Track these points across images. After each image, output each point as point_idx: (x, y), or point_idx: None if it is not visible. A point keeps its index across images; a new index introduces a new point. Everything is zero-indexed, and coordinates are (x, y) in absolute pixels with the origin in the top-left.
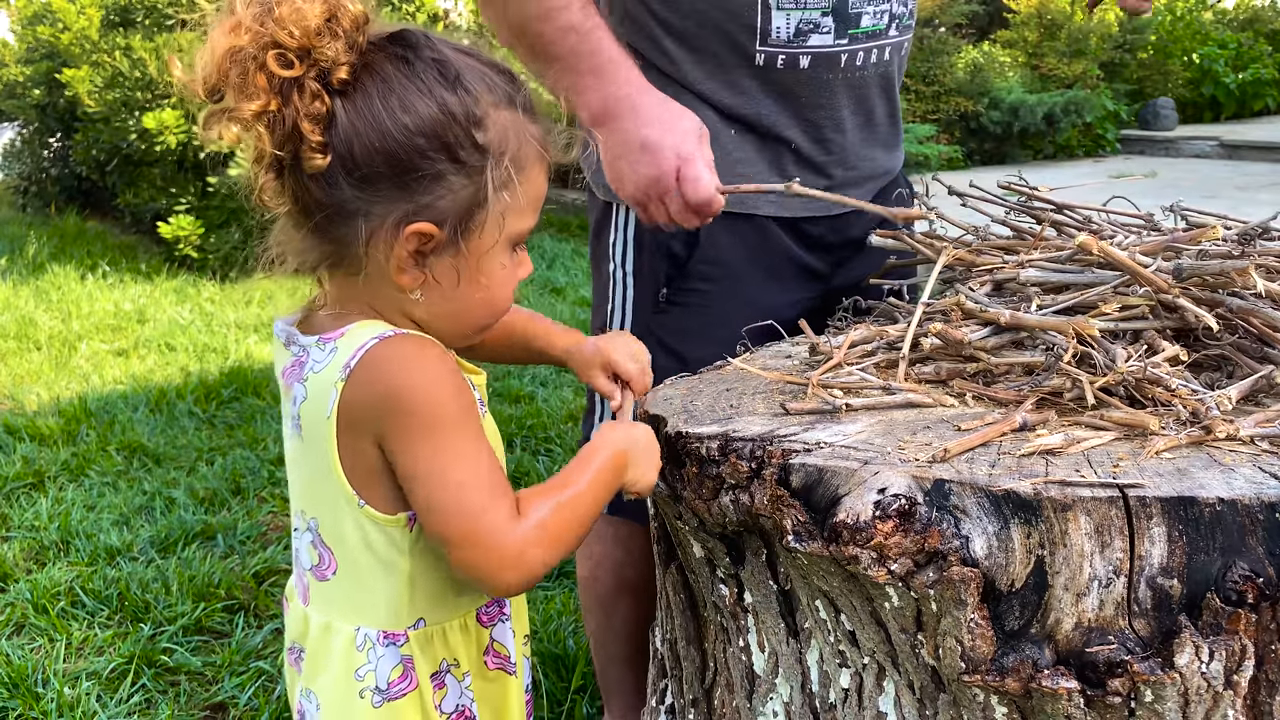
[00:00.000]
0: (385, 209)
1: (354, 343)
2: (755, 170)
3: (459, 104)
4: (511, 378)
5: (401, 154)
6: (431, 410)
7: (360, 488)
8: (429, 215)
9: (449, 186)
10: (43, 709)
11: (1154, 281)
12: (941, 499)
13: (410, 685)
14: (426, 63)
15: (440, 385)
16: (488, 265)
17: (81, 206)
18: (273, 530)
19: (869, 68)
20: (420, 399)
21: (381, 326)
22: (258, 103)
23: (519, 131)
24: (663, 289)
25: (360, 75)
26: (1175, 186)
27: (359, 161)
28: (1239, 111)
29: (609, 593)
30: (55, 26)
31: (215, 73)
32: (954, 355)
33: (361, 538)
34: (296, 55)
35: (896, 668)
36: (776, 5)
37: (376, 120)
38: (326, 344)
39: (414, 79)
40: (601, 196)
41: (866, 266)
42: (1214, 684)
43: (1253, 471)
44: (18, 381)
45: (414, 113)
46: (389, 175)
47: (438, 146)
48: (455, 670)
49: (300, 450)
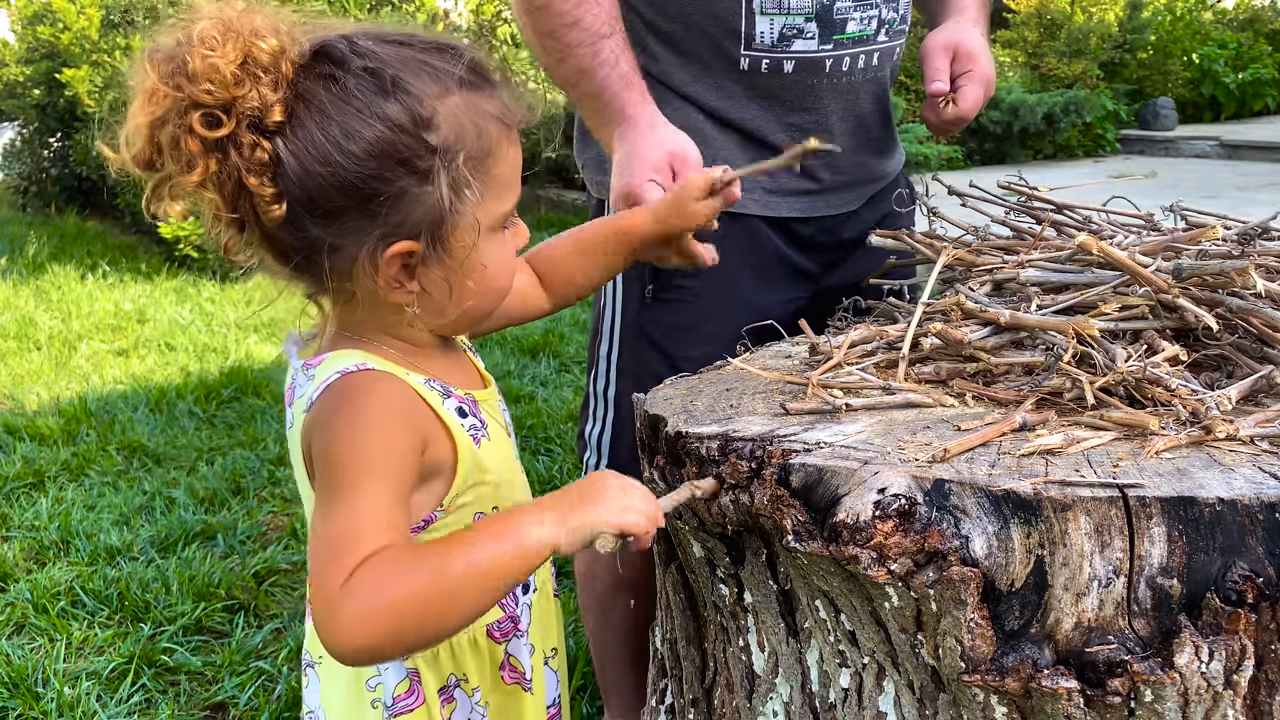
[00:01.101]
0: (357, 239)
1: (322, 375)
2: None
3: (402, 112)
4: (512, 378)
5: (357, 183)
6: (338, 454)
7: None
8: (403, 233)
9: (415, 200)
10: (43, 709)
11: (1154, 281)
12: (941, 499)
13: (417, 701)
14: (358, 76)
15: (365, 431)
16: (476, 258)
17: (81, 206)
18: (273, 530)
19: (857, 73)
20: (333, 440)
21: (353, 358)
22: (196, 171)
23: (474, 114)
24: (648, 285)
25: (294, 109)
26: (1175, 186)
27: (316, 200)
28: (1239, 111)
29: (607, 591)
30: (55, 26)
31: (145, 146)
32: (954, 355)
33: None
34: (221, 110)
35: (896, 668)
36: (760, 10)
37: (322, 154)
38: (309, 370)
39: (349, 100)
40: (595, 194)
41: (858, 267)
42: (1214, 684)
43: (1253, 471)
44: (18, 381)
45: (358, 138)
46: (351, 206)
47: (391, 165)
48: (465, 685)
49: (296, 464)
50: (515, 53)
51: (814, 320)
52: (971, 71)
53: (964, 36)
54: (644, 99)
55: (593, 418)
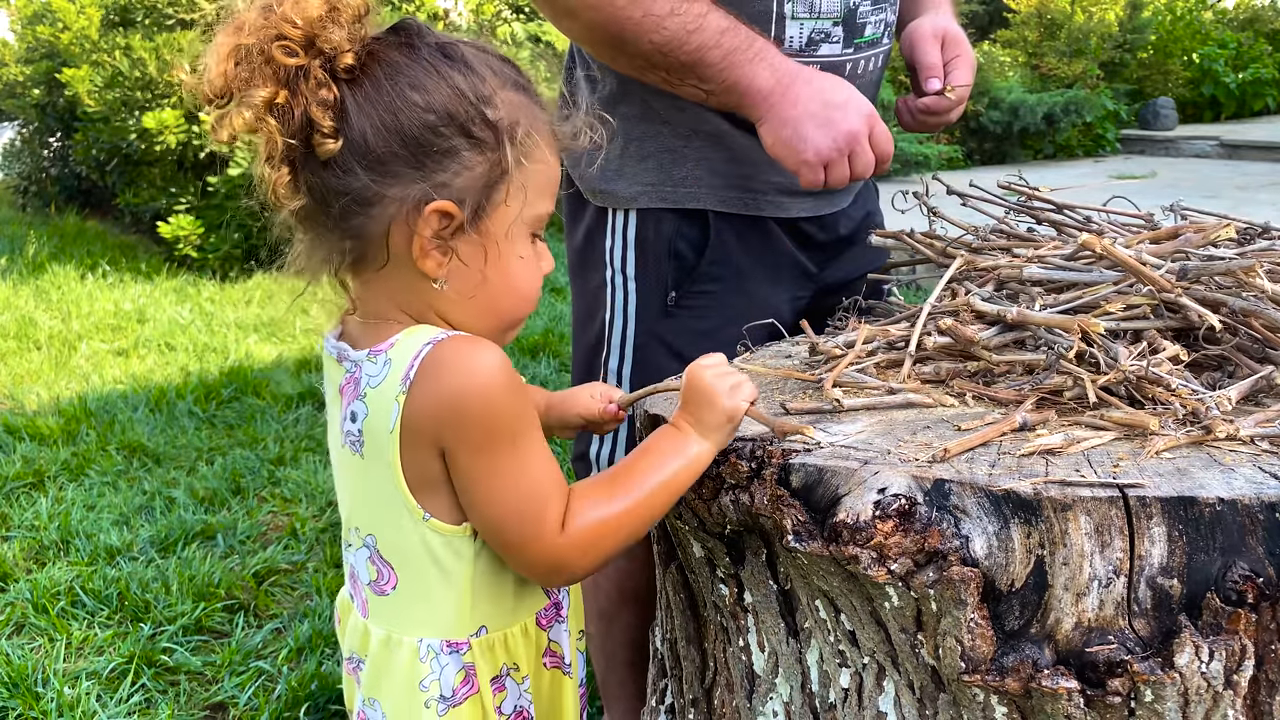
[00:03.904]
0: (402, 190)
1: (407, 352)
2: (767, 171)
3: (467, 83)
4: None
5: (414, 131)
6: (491, 419)
7: (424, 501)
8: (447, 194)
9: (464, 163)
10: (43, 709)
11: (1156, 281)
12: (941, 499)
13: (472, 690)
14: (430, 47)
15: (499, 390)
16: (509, 250)
17: (81, 206)
18: (273, 530)
19: (868, 75)
20: (480, 407)
21: (431, 331)
22: (266, 91)
23: (528, 112)
24: (671, 293)
25: (366, 63)
26: (1175, 186)
27: (371, 144)
28: (1239, 111)
29: (611, 603)
30: (55, 26)
31: (221, 75)
32: (954, 355)
33: (425, 551)
34: (301, 45)
35: (896, 668)
36: (791, 15)
37: (386, 101)
38: (378, 356)
39: (419, 61)
40: (596, 202)
41: (852, 264)
42: (1214, 684)
43: (1253, 471)
44: (18, 381)
45: (424, 90)
46: (403, 155)
47: (450, 123)
48: (515, 674)
49: (358, 467)
50: (515, 53)
51: (810, 318)
52: (960, 56)
53: (949, 23)
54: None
55: (597, 437)
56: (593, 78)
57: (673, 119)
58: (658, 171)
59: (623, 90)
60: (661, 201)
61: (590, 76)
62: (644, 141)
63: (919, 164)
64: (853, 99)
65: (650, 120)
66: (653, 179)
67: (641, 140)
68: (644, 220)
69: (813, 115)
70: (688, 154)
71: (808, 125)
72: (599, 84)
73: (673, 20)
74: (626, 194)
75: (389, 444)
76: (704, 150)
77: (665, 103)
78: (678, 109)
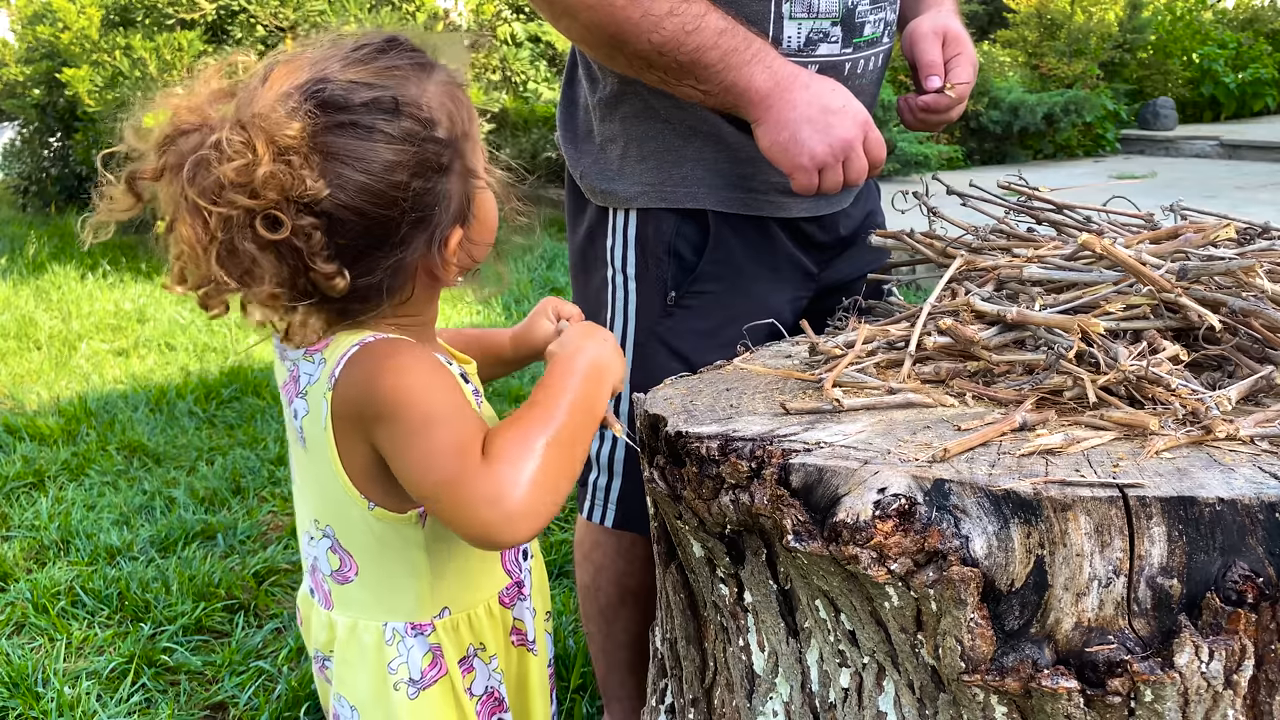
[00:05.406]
0: (416, 239)
1: (337, 352)
2: (768, 171)
3: (414, 124)
4: (511, 378)
5: (414, 205)
6: (411, 411)
7: (366, 490)
8: (451, 222)
9: (449, 190)
10: (43, 709)
11: (1156, 281)
12: (941, 499)
13: (440, 671)
14: (367, 109)
15: (410, 373)
16: (482, 199)
17: (81, 206)
18: (273, 530)
19: (868, 75)
20: (389, 386)
21: (361, 334)
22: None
23: (444, 93)
24: (671, 292)
25: (327, 169)
26: (1175, 186)
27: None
28: (1239, 111)
29: (611, 604)
30: (55, 26)
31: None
32: (954, 355)
33: (377, 539)
34: (277, 210)
35: (896, 667)
36: (789, 15)
37: (375, 195)
38: (314, 355)
39: (373, 136)
40: (597, 202)
41: (850, 264)
42: (1214, 684)
43: (1253, 471)
44: (18, 381)
45: (398, 167)
46: (414, 224)
47: (429, 174)
48: (482, 654)
49: (307, 461)
50: (515, 52)
51: (810, 318)
52: (961, 54)
53: (951, 22)
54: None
55: (598, 436)
56: (593, 78)
57: (673, 119)
58: (658, 171)
59: (623, 90)
60: (662, 201)
61: (591, 76)
62: (644, 141)
63: (919, 164)
64: (849, 105)
65: (651, 120)
66: (653, 179)
67: (642, 140)
68: (644, 220)
69: (809, 120)
70: (688, 154)
71: (804, 129)
72: (599, 84)
73: (671, 21)
74: (627, 193)
75: (325, 439)
76: (704, 150)
77: (666, 102)
78: (678, 108)
